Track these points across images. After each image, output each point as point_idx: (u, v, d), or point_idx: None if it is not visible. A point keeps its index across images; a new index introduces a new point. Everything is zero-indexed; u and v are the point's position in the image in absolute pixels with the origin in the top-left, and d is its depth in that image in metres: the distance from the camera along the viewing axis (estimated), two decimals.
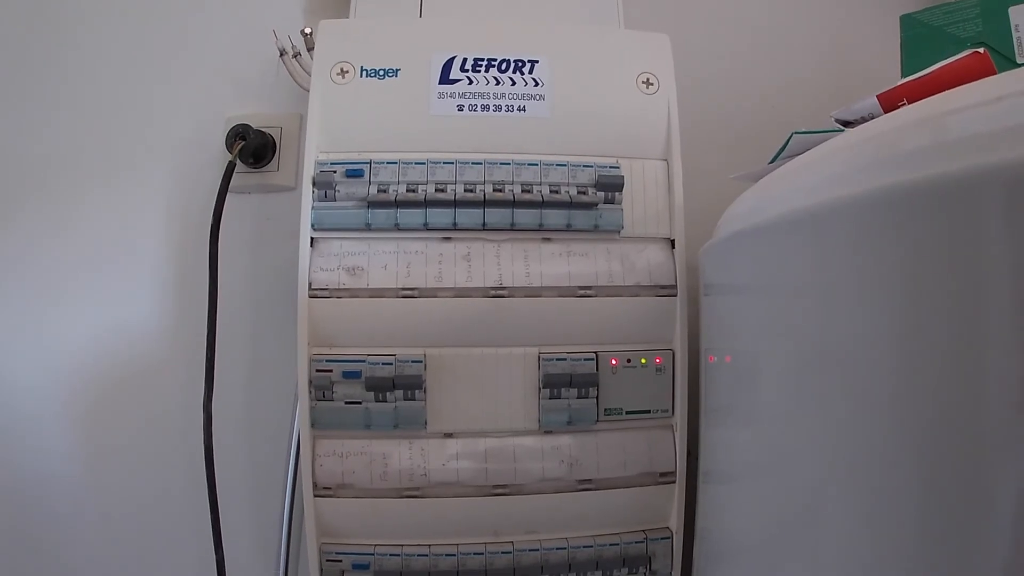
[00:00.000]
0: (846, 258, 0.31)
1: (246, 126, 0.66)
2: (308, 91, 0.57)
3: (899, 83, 0.46)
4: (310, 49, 0.67)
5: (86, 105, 0.72)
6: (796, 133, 0.46)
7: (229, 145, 0.65)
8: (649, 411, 0.54)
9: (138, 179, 0.70)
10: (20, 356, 0.69)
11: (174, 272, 0.69)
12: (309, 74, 0.65)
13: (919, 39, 0.56)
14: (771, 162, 0.49)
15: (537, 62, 0.56)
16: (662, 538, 0.54)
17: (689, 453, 0.55)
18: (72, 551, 0.68)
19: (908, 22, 0.57)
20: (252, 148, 0.66)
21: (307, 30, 0.67)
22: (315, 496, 0.52)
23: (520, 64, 0.56)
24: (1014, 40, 0.51)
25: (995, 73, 0.42)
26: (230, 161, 0.62)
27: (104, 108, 0.72)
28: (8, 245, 0.70)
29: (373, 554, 0.51)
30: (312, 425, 0.51)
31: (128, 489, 0.68)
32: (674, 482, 0.54)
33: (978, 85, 0.30)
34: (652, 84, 0.57)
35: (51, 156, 0.71)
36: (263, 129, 0.68)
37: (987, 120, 0.25)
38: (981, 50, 0.43)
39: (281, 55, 0.67)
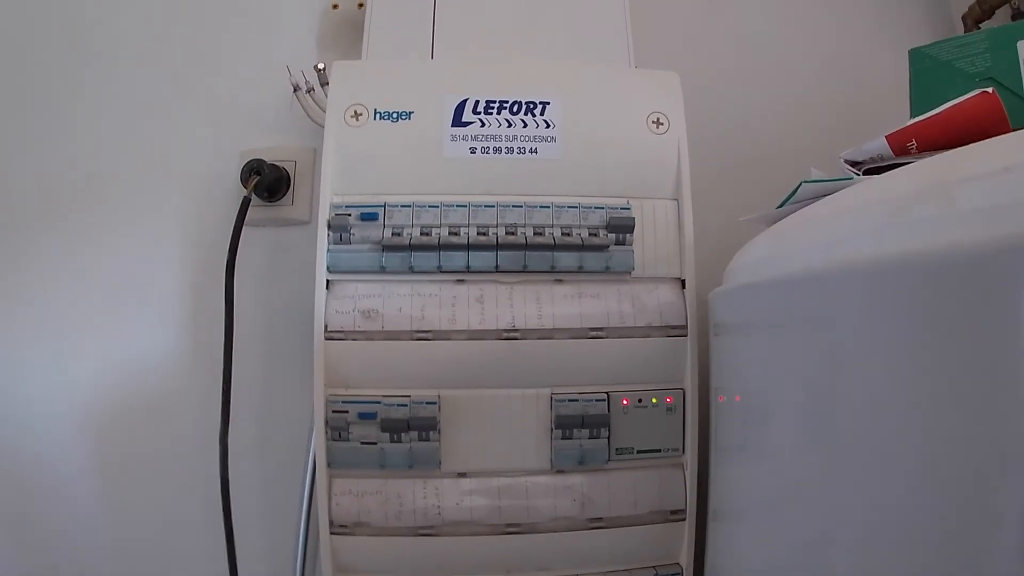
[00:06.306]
0: (855, 319, 0.31)
1: (260, 161, 0.66)
2: (321, 126, 0.58)
3: (908, 123, 0.47)
4: (323, 84, 0.68)
5: (103, 140, 0.73)
6: (805, 182, 0.46)
7: (244, 180, 0.65)
8: (660, 450, 0.55)
9: (155, 212, 0.71)
10: (39, 384, 0.70)
11: (190, 304, 0.70)
12: (322, 109, 0.66)
13: (928, 73, 0.56)
14: (779, 207, 0.50)
15: (549, 103, 0.56)
16: (672, 574, 0.55)
17: (700, 491, 0.55)
18: None
19: (917, 56, 0.57)
20: (267, 183, 0.67)
21: (320, 65, 0.68)
22: (332, 534, 0.52)
23: (532, 106, 0.56)
24: (1023, 75, 0.51)
25: (1003, 113, 0.43)
26: (245, 197, 0.63)
27: (121, 142, 0.73)
28: (28, 275, 0.71)
29: None
30: (328, 465, 0.52)
31: (143, 519, 0.68)
32: (684, 519, 0.55)
33: (985, 150, 0.31)
34: (662, 124, 0.57)
35: (69, 189, 0.72)
36: (277, 163, 0.69)
37: (994, 193, 0.25)
38: (990, 90, 0.43)
39: (295, 90, 0.68)
